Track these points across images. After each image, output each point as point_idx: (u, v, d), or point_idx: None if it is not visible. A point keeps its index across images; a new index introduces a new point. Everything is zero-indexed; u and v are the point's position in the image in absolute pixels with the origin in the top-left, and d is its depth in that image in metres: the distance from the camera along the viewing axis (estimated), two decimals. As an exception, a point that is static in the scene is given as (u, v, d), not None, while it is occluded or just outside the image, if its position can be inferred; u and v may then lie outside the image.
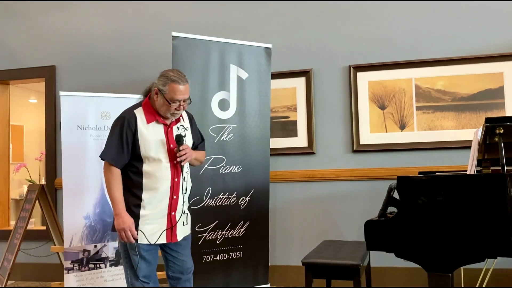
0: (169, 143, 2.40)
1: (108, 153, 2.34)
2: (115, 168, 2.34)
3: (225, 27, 4.05)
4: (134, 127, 2.34)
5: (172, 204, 2.42)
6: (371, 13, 3.81)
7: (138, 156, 2.36)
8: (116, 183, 2.34)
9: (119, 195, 2.33)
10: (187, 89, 2.36)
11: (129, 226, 2.30)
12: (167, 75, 2.35)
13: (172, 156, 2.39)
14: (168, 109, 2.35)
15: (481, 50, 3.59)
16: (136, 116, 2.37)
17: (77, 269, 3.36)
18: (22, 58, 4.54)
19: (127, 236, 2.30)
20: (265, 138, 3.54)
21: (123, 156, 2.34)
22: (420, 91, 3.68)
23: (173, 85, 2.32)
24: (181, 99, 2.34)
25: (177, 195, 2.42)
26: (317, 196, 3.85)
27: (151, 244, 2.39)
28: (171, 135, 2.42)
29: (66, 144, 3.38)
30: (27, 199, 3.92)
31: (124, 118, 2.36)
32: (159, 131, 2.39)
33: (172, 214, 2.42)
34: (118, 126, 2.35)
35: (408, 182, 2.23)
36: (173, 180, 2.40)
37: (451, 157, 3.59)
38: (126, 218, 2.31)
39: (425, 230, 2.17)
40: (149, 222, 2.37)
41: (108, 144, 2.36)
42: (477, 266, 2.58)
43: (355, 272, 2.59)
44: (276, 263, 3.89)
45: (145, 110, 2.40)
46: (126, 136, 2.33)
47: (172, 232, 2.43)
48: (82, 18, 4.40)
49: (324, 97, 3.88)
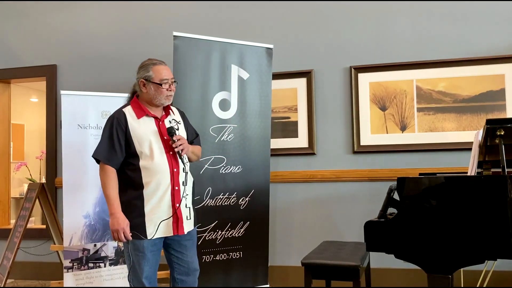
0: (162, 135, 2.42)
1: (100, 152, 2.36)
2: (109, 167, 2.34)
3: (226, 27, 4.05)
4: (124, 124, 2.37)
5: (175, 195, 2.41)
6: (372, 14, 3.81)
7: (133, 153, 2.37)
8: (110, 182, 2.33)
9: (114, 195, 2.33)
10: (169, 69, 2.48)
11: (123, 227, 2.29)
12: (146, 63, 2.48)
13: (167, 147, 2.40)
14: (161, 92, 2.41)
15: (482, 52, 3.59)
16: (125, 114, 2.40)
17: (76, 268, 3.36)
18: (23, 57, 4.54)
19: (119, 237, 2.29)
20: (265, 139, 3.54)
21: (115, 155, 2.35)
22: (421, 92, 3.68)
23: (156, 67, 2.43)
24: (169, 78, 2.43)
25: (179, 186, 2.42)
26: (317, 196, 3.85)
27: (157, 239, 2.38)
28: (164, 128, 2.44)
29: (66, 143, 3.38)
30: (27, 197, 3.92)
31: (113, 117, 2.40)
32: (150, 124, 2.42)
33: (176, 205, 2.41)
34: (108, 126, 2.39)
35: (408, 183, 2.22)
36: (172, 171, 2.40)
37: (452, 159, 3.58)
38: (121, 219, 2.30)
39: (425, 232, 2.16)
40: (154, 216, 2.36)
41: (100, 143, 2.38)
42: (477, 268, 2.57)
43: (355, 273, 2.59)
44: (275, 264, 3.89)
45: (134, 107, 2.44)
46: (117, 134, 2.35)
47: (178, 225, 2.42)
48: (84, 18, 4.41)
49: (325, 97, 3.88)
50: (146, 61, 2.48)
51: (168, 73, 2.44)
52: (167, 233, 2.40)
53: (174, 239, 2.46)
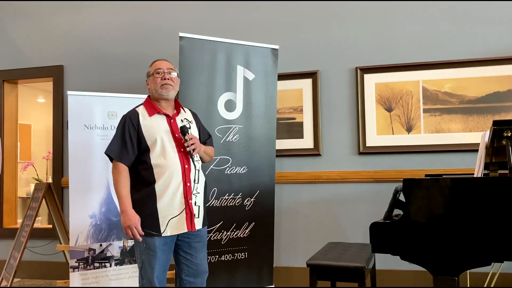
0: (174, 132, 2.44)
1: (112, 149, 2.40)
2: (121, 165, 2.37)
3: (232, 28, 4.05)
4: (136, 122, 2.42)
5: (187, 192, 2.42)
6: (378, 14, 3.80)
7: (145, 150, 2.39)
8: (122, 180, 2.36)
9: (125, 192, 2.35)
10: (167, 62, 2.56)
11: (135, 223, 2.30)
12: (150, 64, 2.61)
13: (179, 145, 2.43)
14: (155, 81, 2.49)
15: (489, 53, 3.57)
16: (137, 113, 2.46)
17: (82, 267, 3.37)
18: (30, 58, 4.57)
19: (133, 233, 2.31)
20: (271, 139, 3.54)
21: (127, 153, 2.38)
22: (427, 93, 3.66)
23: (154, 63, 2.57)
24: (163, 67, 2.50)
25: (190, 183, 2.44)
26: (323, 197, 3.84)
27: (169, 238, 2.39)
28: (175, 125, 2.47)
29: (73, 143, 3.40)
30: (34, 197, 3.95)
31: (126, 116, 2.46)
32: (162, 122, 2.46)
33: (189, 201, 2.42)
34: (121, 124, 2.44)
35: (414, 185, 2.21)
36: (184, 167, 2.42)
37: (458, 160, 3.57)
38: (132, 215, 2.31)
39: (431, 233, 2.15)
40: (167, 213, 2.38)
41: (112, 141, 2.43)
42: (483, 270, 2.56)
43: (360, 275, 2.58)
44: (280, 264, 3.88)
45: (146, 106, 2.51)
46: (129, 132, 2.39)
47: (192, 221, 2.44)
48: (90, 19, 4.43)
49: (331, 98, 3.87)
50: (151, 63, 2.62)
51: (162, 64, 2.53)
52: (181, 229, 2.41)
53: (185, 240, 2.47)
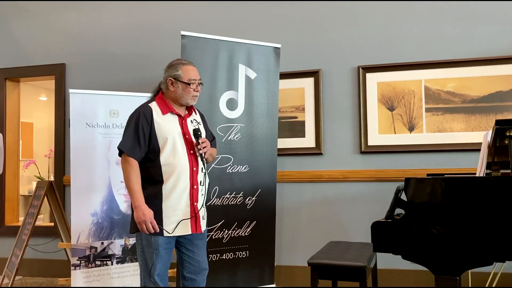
0: (185, 133, 2.43)
1: (125, 144, 2.36)
2: (133, 160, 2.35)
3: (234, 26, 4.05)
4: (150, 118, 2.39)
5: (194, 194, 2.42)
6: (380, 13, 3.79)
7: (155, 149, 2.38)
8: (134, 175, 2.34)
9: (138, 187, 2.33)
10: (197, 70, 2.52)
11: (150, 217, 2.29)
12: (175, 62, 2.52)
13: (189, 146, 2.43)
14: (188, 91, 2.44)
15: (492, 52, 3.56)
16: (151, 109, 2.42)
17: (84, 265, 3.38)
18: (32, 56, 4.58)
19: (148, 228, 2.29)
20: (272, 138, 3.54)
21: (139, 148, 2.36)
22: (429, 92, 3.65)
23: (185, 67, 2.47)
24: (197, 78, 2.47)
25: (197, 185, 2.43)
26: (324, 196, 3.84)
27: (171, 237, 2.38)
28: (186, 127, 2.46)
29: (74, 142, 3.40)
30: (36, 195, 3.95)
31: (139, 111, 2.41)
32: (174, 121, 2.44)
33: (194, 204, 2.43)
34: (134, 119, 2.40)
35: (416, 184, 2.21)
36: (192, 169, 2.42)
37: (460, 160, 3.56)
38: (146, 210, 2.30)
39: (432, 233, 2.15)
40: (173, 213, 2.38)
41: (125, 136, 2.39)
42: (485, 270, 2.55)
43: (362, 274, 2.58)
44: (282, 263, 3.88)
45: (159, 103, 2.46)
46: (142, 128, 2.36)
47: (196, 223, 2.44)
48: (92, 17, 4.43)
49: (333, 97, 3.87)
50: (175, 61, 2.52)
51: (196, 74, 2.49)
52: (185, 231, 2.42)
53: (187, 238, 2.47)
